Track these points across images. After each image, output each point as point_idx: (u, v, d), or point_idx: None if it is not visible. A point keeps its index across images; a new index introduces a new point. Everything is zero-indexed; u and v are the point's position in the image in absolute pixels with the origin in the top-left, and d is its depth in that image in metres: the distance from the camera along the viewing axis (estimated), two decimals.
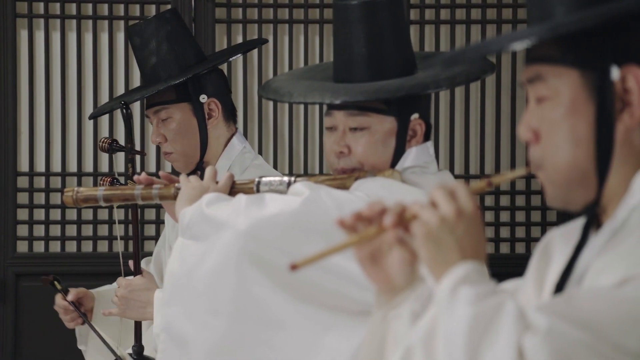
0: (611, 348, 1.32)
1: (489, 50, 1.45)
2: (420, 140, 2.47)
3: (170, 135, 3.07)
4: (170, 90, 3.06)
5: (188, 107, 3.08)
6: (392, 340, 1.59)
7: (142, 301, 2.74)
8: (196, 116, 3.07)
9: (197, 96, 3.07)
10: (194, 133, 3.07)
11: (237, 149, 3.11)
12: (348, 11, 2.46)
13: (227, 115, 3.13)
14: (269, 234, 2.32)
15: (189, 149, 3.08)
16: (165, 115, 3.07)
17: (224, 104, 3.12)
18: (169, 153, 3.10)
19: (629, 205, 1.46)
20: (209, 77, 3.10)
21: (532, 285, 1.59)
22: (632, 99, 1.45)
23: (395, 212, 1.51)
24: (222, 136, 3.11)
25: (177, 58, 3.09)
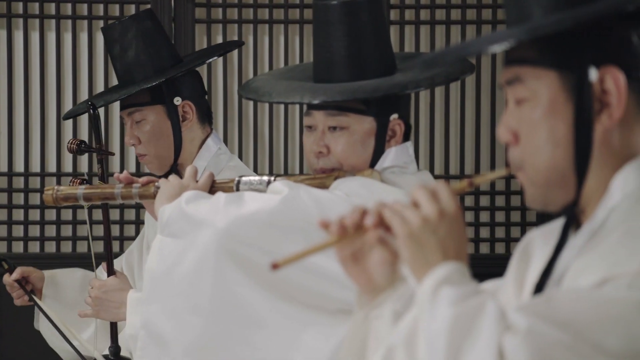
0: (591, 348, 1.32)
1: (468, 52, 1.45)
2: (399, 140, 2.48)
3: (144, 137, 3.07)
4: (145, 92, 3.06)
5: (162, 110, 3.07)
6: (374, 340, 1.59)
7: (116, 302, 2.74)
8: (170, 118, 3.07)
9: (171, 98, 3.07)
10: (167, 135, 3.07)
11: (212, 151, 3.11)
12: (328, 11, 2.46)
13: (202, 117, 3.13)
14: (247, 232, 2.32)
15: (162, 151, 3.07)
16: (139, 117, 3.07)
17: (199, 106, 3.11)
18: (143, 155, 3.09)
19: (608, 206, 1.47)
20: (183, 80, 3.09)
21: (512, 285, 1.60)
22: (611, 100, 1.46)
23: (376, 211, 1.52)
24: (197, 138, 3.11)
25: (152, 59, 3.09)
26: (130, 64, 3.09)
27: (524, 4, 1.48)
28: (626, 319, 1.32)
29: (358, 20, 2.45)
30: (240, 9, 4.55)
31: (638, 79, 1.46)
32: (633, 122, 1.47)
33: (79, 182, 2.83)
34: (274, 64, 4.54)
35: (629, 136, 1.47)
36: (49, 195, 2.59)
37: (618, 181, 1.47)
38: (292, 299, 2.33)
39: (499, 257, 4.53)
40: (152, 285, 2.39)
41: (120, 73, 3.12)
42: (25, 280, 3.05)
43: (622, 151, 1.47)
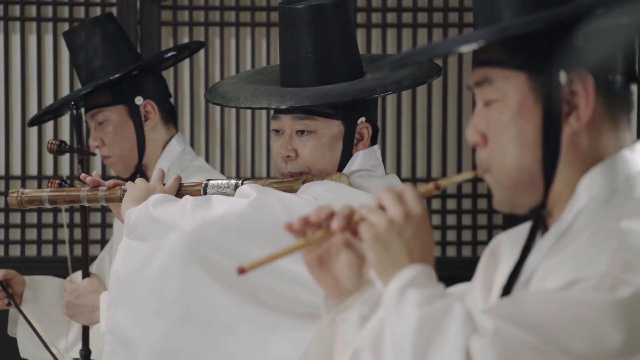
0: (558, 350, 1.33)
1: (437, 52, 1.46)
2: (367, 144, 2.48)
3: (107, 138, 3.07)
4: (106, 92, 3.07)
5: (124, 110, 3.08)
6: (341, 344, 1.59)
7: (89, 305, 2.73)
8: (132, 118, 3.07)
9: (132, 98, 3.07)
10: (130, 135, 3.08)
11: (176, 151, 3.11)
12: (294, 15, 2.45)
13: (166, 118, 3.13)
14: (215, 235, 2.31)
15: (126, 151, 3.07)
16: (102, 118, 3.08)
17: (162, 106, 3.12)
18: (107, 156, 3.09)
19: (575, 209, 1.47)
20: (144, 79, 3.10)
21: (480, 288, 1.60)
22: (579, 103, 1.46)
23: (342, 215, 1.51)
24: (161, 138, 3.11)
25: (114, 61, 3.09)
26: (92, 66, 3.09)
27: (494, 6, 1.48)
28: (592, 321, 1.33)
29: (324, 24, 2.45)
30: (206, 12, 4.54)
31: (607, 82, 1.47)
32: (601, 125, 1.48)
33: (57, 184, 2.81)
34: (240, 66, 4.53)
35: (597, 139, 1.48)
36: (14, 198, 2.57)
37: (585, 184, 1.47)
38: (260, 303, 2.32)
39: (466, 260, 4.54)
40: (118, 289, 2.38)
41: (83, 76, 3.12)
42: (7, 283, 3.02)
43: (590, 154, 1.48)
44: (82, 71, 3.12)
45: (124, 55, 3.12)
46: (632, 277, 1.35)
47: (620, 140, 1.49)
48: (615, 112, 1.48)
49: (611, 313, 1.33)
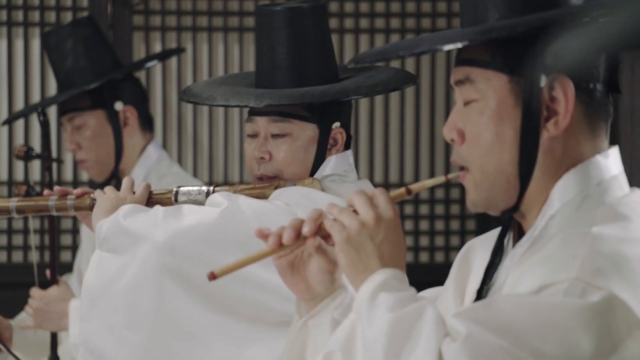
0: (529, 354, 1.33)
1: (421, 49, 1.45)
2: (340, 149, 2.48)
3: (84, 142, 3.05)
4: (85, 96, 3.05)
5: (103, 114, 3.06)
6: (312, 348, 1.59)
7: (58, 312, 2.71)
8: (111, 123, 3.06)
9: (112, 103, 3.06)
10: (108, 140, 3.06)
11: (152, 157, 3.10)
12: (272, 17, 2.45)
13: (144, 124, 3.12)
14: (187, 246, 2.30)
15: (103, 156, 3.06)
16: (80, 122, 3.05)
17: (140, 112, 3.10)
18: (83, 161, 3.07)
19: (547, 214, 1.47)
20: (124, 85, 3.09)
21: (452, 293, 1.60)
22: (559, 109, 1.47)
23: (312, 219, 1.51)
24: (138, 144, 3.10)
25: (93, 65, 3.08)
26: (70, 69, 3.08)
27: (480, 8, 1.48)
28: (564, 326, 1.33)
29: (302, 27, 2.45)
30: (179, 16, 4.52)
31: (587, 90, 1.47)
32: (578, 132, 1.48)
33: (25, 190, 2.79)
34: (213, 71, 4.52)
35: (574, 145, 1.48)
36: None
37: (558, 189, 1.48)
38: (233, 313, 2.32)
39: (439, 265, 4.54)
40: (90, 301, 2.37)
41: (61, 78, 3.10)
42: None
43: (566, 160, 1.48)
44: (60, 74, 3.11)
45: (103, 60, 3.11)
46: (603, 282, 1.36)
47: (597, 149, 1.50)
48: (594, 120, 1.49)
49: (582, 318, 1.34)
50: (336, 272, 1.57)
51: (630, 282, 1.37)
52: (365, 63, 1.51)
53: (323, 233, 1.52)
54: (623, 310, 1.35)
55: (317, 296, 1.58)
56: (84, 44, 3.09)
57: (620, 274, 1.37)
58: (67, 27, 3.12)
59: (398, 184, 4.57)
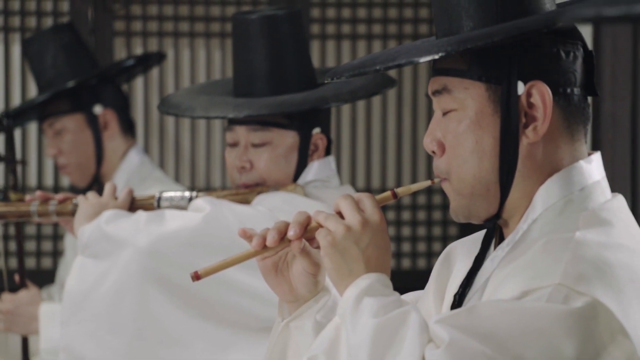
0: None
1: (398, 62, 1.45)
2: (322, 154, 2.48)
3: (64, 147, 3.05)
4: (64, 100, 3.05)
5: (82, 118, 3.07)
6: (293, 350, 1.59)
7: (27, 316, 2.71)
8: (90, 127, 3.06)
9: (91, 106, 3.06)
10: (88, 145, 3.06)
11: (134, 162, 3.09)
12: (248, 25, 2.45)
13: (125, 128, 3.12)
14: (169, 251, 2.30)
15: (83, 161, 3.06)
16: (59, 126, 3.06)
17: (121, 116, 3.11)
18: (64, 166, 3.07)
19: (530, 219, 1.48)
20: (104, 89, 3.09)
21: (432, 295, 1.60)
22: (537, 115, 1.47)
23: (299, 222, 1.51)
24: (119, 149, 3.10)
25: (73, 70, 3.08)
26: (51, 75, 3.09)
27: (455, 17, 1.48)
28: (546, 331, 1.33)
29: (278, 34, 2.45)
30: (160, 22, 4.51)
31: (565, 95, 1.48)
32: (558, 137, 1.48)
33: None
34: (194, 77, 4.51)
35: (554, 151, 1.49)
36: None
37: (540, 194, 1.48)
38: (215, 319, 2.32)
39: (421, 271, 4.55)
40: (72, 306, 2.36)
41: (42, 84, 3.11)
42: None
43: (546, 165, 1.48)
44: (41, 79, 3.11)
45: (83, 65, 3.11)
46: (586, 288, 1.36)
47: (576, 153, 1.50)
48: (572, 124, 1.49)
49: (565, 324, 1.34)
50: (320, 275, 1.57)
51: (613, 287, 1.37)
52: (342, 77, 1.51)
53: (308, 236, 1.52)
54: (606, 316, 1.35)
55: (300, 298, 1.58)
56: (64, 49, 3.10)
57: (603, 280, 1.37)
58: (47, 33, 3.13)
59: (380, 190, 4.57)
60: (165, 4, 4.50)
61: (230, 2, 4.52)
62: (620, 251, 1.42)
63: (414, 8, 4.58)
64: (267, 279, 1.59)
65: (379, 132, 4.62)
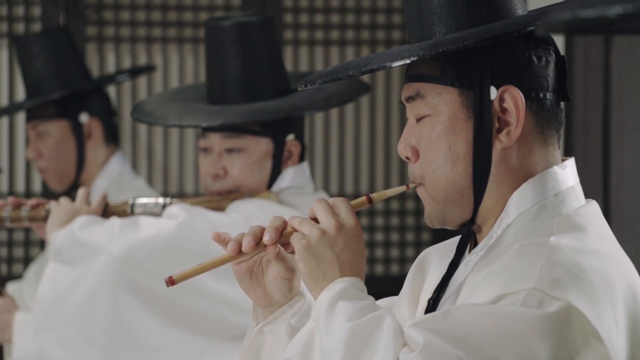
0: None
1: (370, 67, 1.46)
2: (296, 161, 2.48)
3: (46, 151, 3.05)
4: (51, 105, 3.04)
5: (67, 125, 3.06)
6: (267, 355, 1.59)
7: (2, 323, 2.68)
8: (74, 134, 3.05)
9: (77, 114, 3.06)
10: (70, 152, 3.05)
11: (115, 170, 3.09)
12: (221, 32, 2.45)
13: (109, 137, 3.12)
14: (143, 258, 2.29)
15: (64, 166, 3.05)
16: (43, 129, 3.05)
17: (106, 125, 3.11)
18: (43, 169, 3.06)
19: (504, 224, 1.48)
20: (92, 97, 3.09)
21: (407, 301, 1.60)
22: (510, 119, 1.48)
23: (274, 227, 1.51)
24: (100, 157, 3.09)
25: (61, 74, 3.08)
26: (39, 77, 3.08)
27: (427, 23, 1.49)
28: (521, 335, 1.34)
29: (251, 41, 2.45)
30: (132, 27, 4.50)
31: (537, 100, 1.48)
32: (531, 142, 1.49)
33: None
34: (167, 82, 4.50)
35: (527, 155, 1.49)
36: None
37: (514, 199, 1.48)
38: (188, 327, 2.31)
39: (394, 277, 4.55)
40: (44, 314, 2.35)
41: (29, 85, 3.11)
42: None
43: (520, 170, 1.49)
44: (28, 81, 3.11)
45: (72, 70, 3.11)
46: (560, 292, 1.37)
47: (550, 157, 1.50)
48: (545, 129, 1.50)
49: (539, 328, 1.34)
50: (294, 280, 1.57)
51: (587, 292, 1.38)
52: (315, 84, 1.51)
53: (283, 241, 1.52)
54: (580, 320, 1.36)
55: (275, 303, 1.58)
56: (54, 53, 3.10)
57: (577, 285, 1.38)
58: (39, 35, 3.14)
59: (354, 195, 4.57)
60: (137, 10, 4.49)
61: (203, 7, 4.51)
62: (594, 256, 1.42)
63: (387, 14, 4.59)
64: (241, 284, 1.59)
65: (352, 138, 4.62)
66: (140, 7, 4.49)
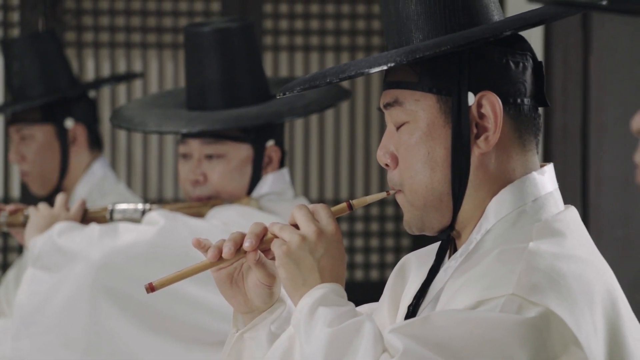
0: None
1: (348, 74, 1.46)
2: (276, 167, 2.48)
3: (29, 155, 3.04)
4: (36, 109, 3.03)
5: (52, 130, 3.06)
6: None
7: None
8: (59, 140, 3.05)
9: (62, 119, 3.05)
10: (54, 156, 3.05)
11: (97, 175, 3.09)
12: (201, 38, 2.45)
13: (92, 142, 3.12)
14: (123, 265, 2.29)
15: (47, 171, 3.04)
16: (27, 133, 3.05)
17: (90, 131, 3.11)
18: (26, 173, 3.06)
19: (483, 229, 1.48)
20: (77, 103, 3.09)
21: (387, 307, 1.60)
22: (488, 125, 1.48)
23: (254, 234, 1.51)
24: (84, 162, 3.09)
25: (47, 79, 3.07)
26: (24, 81, 3.07)
27: (404, 30, 1.49)
28: (500, 341, 1.34)
29: (231, 47, 2.45)
30: (112, 33, 4.49)
31: (515, 105, 1.49)
32: (509, 147, 1.49)
33: None
34: (147, 88, 4.49)
35: (506, 161, 1.49)
36: None
37: (493, 205, 1.48)
38: (168, 334, 2.31)
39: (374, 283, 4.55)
40: (23, 320, 2.34)
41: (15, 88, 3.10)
42: None
43: (499, 176, 1.49)
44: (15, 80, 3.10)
45: (58, 75, 3.10)
46: (539, 298, 1.37)
47: (528, 163, 1.51)
48: (523, 134, 1.50)
49: (518, 333, 1.34)
50: (275, 286, 1.56)
51: (566, 298, 1.38)
52: (294, 92, 1.51)
53: (263, 247, 1.52)
54: (559, 326, 1.36)
55: (255, 309, 1.58)
56: (41, 57, 3.10)
57: (556, 290, 1.38)
58: (26, 39, 3.14)
59: (333, 201, 4.58)
60: (117, 15, 4.48)
61: (183, 13, 4.51)
62: (572, 262, 1.43)
63: (367, 20, 4.60)
64: (221, 290, 1.58)
65: (332, 144, 4.62)
66: (120, 12, 4.48)
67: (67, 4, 4.44)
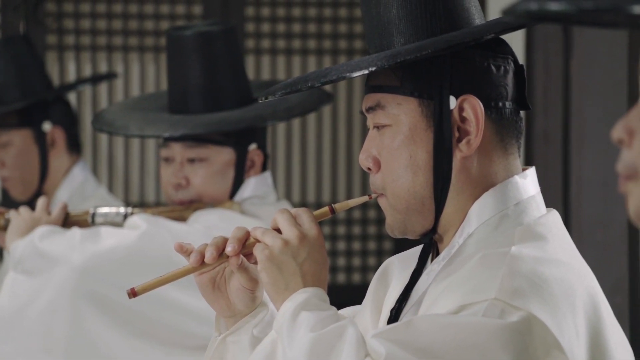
0: None
1: (329, 78, 1.46)
2: (258, 170, 2.47)
3: (8, 160, 3.03)
4: (12, 114, 3.02)
5: (30, 134, 3.05)
6: None
7: None
8: (38, 144, 3.05)
9: (40, 123, 3.05)
10: (33, 161, 3.04)
11: (77, 179, 3.08)
12: (182, 42, 2.45)
13: (71, 146, 3.11)
14: (105, 269, 2.29)
15: (27, 176, 3.04)
16: (5, 139, 3.04)
17: (69, 134, 3.10)
18: (6, 178, 3.05)
19: (466, 233, 1.48)
20: (54, 106, 3.08)
21: (369, 311, 1.60)
22: (470, 129, 1.48)
23: (237, 238, 1.50)
24: (63, 165, 3.09)
25: (22, 83, 3.06)
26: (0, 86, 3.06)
27: (386, 34, 1.49)
28: (482, 345, 1.34)
29: (213, 51, 2.45)
30: (93, 36, 4.48)
31: (497, 108, 1.49)
32: (491, 151, 1.50)
33: None
34: (128, 91, 4.48)
35: (487, 165, 1.50)
36: None
37: (475, 209, 1.49)
38: (151, 338, 2.30)
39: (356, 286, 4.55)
40: (4, 325, 2.33)
41: None
42: None
43: (481, 179, 1.49)
44: None
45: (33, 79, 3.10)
46: (522, 302, 1.37)
47: (510, 167, 1.51)
48: (505, 138, 1.50)
49: (501, 338, 1.35)
50: (257, 290, 1.56)
51: (548, 302, 1.38)
52: (276, 96, 1.51)
53: (246, 251, 1.52)
54: (541, 330, 1.36)
55: (238, 313, 1.58)
56: (15, 61, 3.08)
57: (538, 295, 1.38)
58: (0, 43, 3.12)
59: (315, 204, 4.58)
60: (98, 18, 4.47)
61: (164, 16, 4.50)
62: (555, 266, 1.43)
63: (349, 24, 4.60)
64: (204, 295, 1.58)
65: (314, 147, 4.63)
66: (101, 15, 4.47)
67: (48, 7, 4.42)
